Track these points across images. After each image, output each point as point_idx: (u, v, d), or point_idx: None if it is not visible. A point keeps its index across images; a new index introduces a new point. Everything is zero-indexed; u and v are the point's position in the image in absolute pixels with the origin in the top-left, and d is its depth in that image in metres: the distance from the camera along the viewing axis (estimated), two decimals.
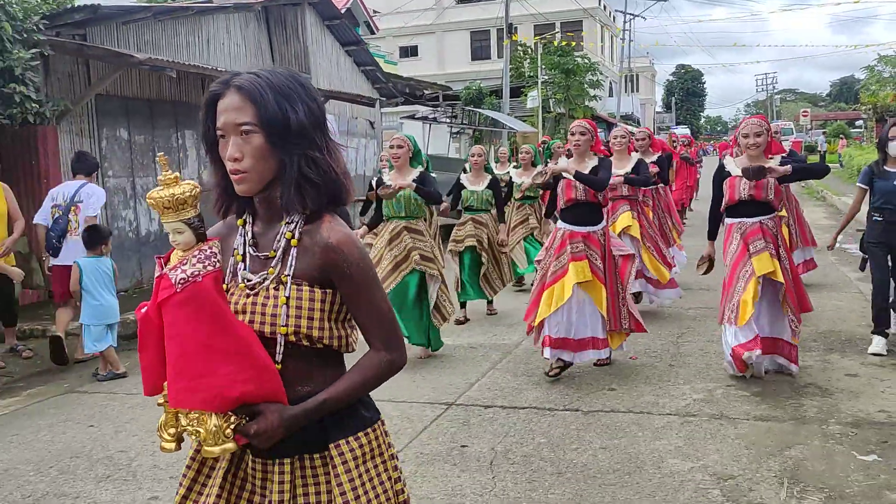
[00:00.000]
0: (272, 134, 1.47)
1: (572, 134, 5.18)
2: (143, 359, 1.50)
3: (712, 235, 5.15)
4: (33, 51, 6.93)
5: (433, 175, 7.24)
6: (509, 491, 3.44)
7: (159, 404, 1.49)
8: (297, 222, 1.53)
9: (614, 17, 47.69)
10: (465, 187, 7.32)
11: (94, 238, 5.70)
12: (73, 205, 6.02)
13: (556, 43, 28.48)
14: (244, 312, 1.50)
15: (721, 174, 4.92)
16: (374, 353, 1.57)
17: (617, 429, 4.18)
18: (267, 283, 1.51)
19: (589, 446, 3.94)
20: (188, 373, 1.41)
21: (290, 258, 1.51)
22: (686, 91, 78.46)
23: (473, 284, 7.17)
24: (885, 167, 5.46)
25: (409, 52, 41.56)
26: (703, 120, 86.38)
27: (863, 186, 5.62)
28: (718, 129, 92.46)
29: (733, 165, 4.89)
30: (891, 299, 5.54)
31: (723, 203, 4.89)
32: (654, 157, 7.54)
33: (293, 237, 1.52)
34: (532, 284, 5.50)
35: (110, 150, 9.17)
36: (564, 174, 5.03)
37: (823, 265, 9.20)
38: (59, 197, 6.13)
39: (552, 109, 29.28)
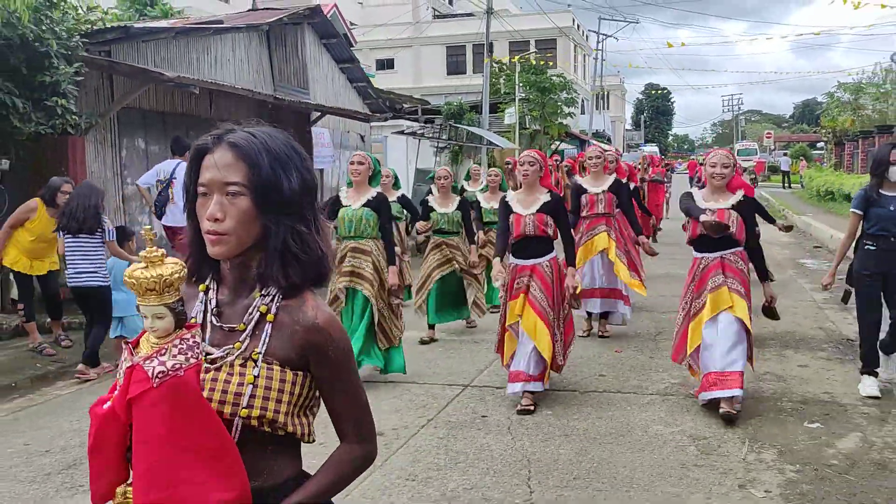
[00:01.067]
0: (261, 199, 1.37)
1: (521, 164, 4.99)
2: (96, 462, 1.33)
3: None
4: (76, 66, 7.58)
5: (404, 192, 7.41)
6: (527, 447, 4.24)
7: None
8: (275, 296, 1.42)
9: (587, 37, 49.08)
10: (433, 209, 7.18)
11: (119, 237, 6.45)
12: (171, 179, 7.77)
13: (533, 62, 29.49)
14: (202, 390, 1.35)
15: (689, 199, 4.82)
16: (347, 446, 1.47)
17: (609, 404, 5.01)
18: (231, 358, 1.38)
19: (588, 416, 4.77)
20: (160, 482, 1.26)
21: (263, 334, 1.39)
22: (655, 109, 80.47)
23: (449, 306, 7.17)
24: (881, 191, 5.01)
25: (386, 65, 42.11)
26: (670, 138, 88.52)
27: (858, 212, 5.10)
28: (686, 147, 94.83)
29: (699, 197, 4.81)
30: (881, 336, 5.13)
31: (688, 237, 4.84)
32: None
33: (268, 311, 1.41)
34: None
35: (129, 159, 9.82)
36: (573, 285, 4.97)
37: (783, 278, 10.20)
38: (162, 173, 7.86)
39: (528, 126, 30.30)
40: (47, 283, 6.68)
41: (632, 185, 9.27)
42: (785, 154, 39.29)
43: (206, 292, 1.48)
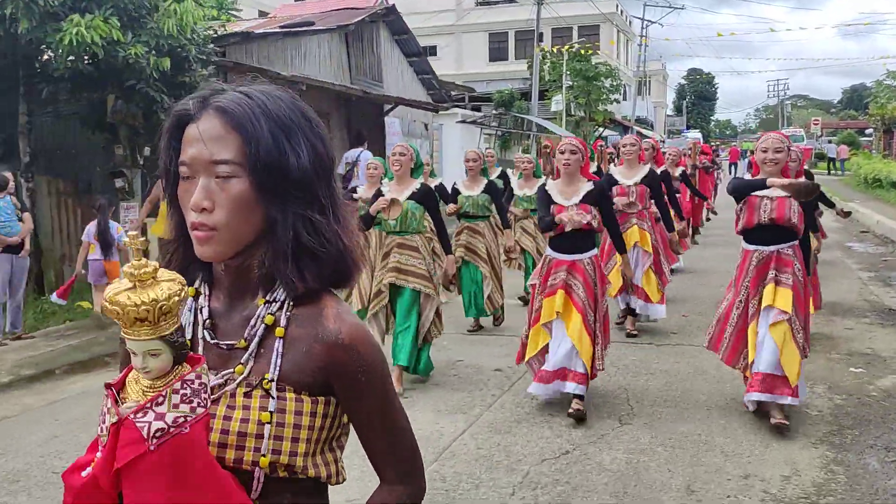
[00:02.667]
0: (262, 181, 1.07)
1: (562, 153, 4.63)
2: None
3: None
4: (210, 68, 8.81)
5: (441, 182, 7.24)
6: (621, 382, 5.34)
7: None
8: (283, 303, 1.13)
9: (630, 22, 49.31)
10: (460, 192, 6.99)
11: None
12: (355, 163, 11.24)
13: (583, 52, 30.17)
14: None
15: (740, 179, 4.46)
16: (388, 488, 1.18)
17: (683, 354, 6.06)
18: (232, 386, 1.09)
19: (666, 361, 5.84)
20: None
21: (272, 353, 1.10)
22: (697, 95, 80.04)
23: (473, 300, 6.94)
24: None
25: (428, 51, 42.68)
26: (713, 123, 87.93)
27: None
28: (728, 132, 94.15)
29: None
30: None
31: (739, 226, 4.42)
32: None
33: (276, 324, 1.11)
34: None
35: None
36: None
37: (833, 258, 11.06)
38: (349, 157, 11.53)
39: (573, 113, 31.09)
40: None
41: (679, 170, 9.65)
42: (829, 141, 39.40)
43: (195, 297, 1.18)
